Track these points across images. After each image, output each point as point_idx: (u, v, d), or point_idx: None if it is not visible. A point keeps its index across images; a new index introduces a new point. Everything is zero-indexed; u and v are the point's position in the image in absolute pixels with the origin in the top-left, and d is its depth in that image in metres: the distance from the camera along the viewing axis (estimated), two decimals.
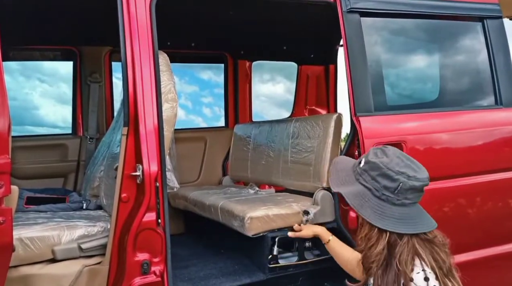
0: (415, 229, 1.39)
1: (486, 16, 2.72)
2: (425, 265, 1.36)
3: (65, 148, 3.53)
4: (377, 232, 1.40)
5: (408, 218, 1.40)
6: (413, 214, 1.41)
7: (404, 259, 1.36)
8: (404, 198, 1.40)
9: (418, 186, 1.40)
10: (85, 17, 3.05)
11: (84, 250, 2.08)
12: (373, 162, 1.43)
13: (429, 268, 1.36)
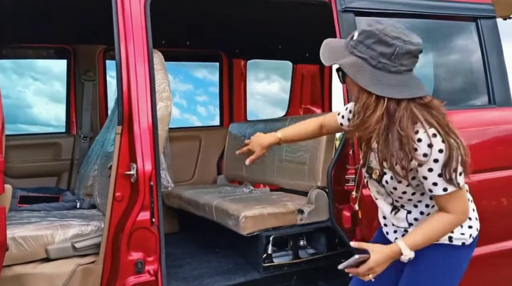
0: (411, 94, 1.40)
1: (480, 16, 2.73)
2: (427, 127, 1.39)
3: (58, 147, 3.51)
4: (375, 99, 1.39)
5: (404, 85, 1.40)
6: (408, 81, 1.41)
7: (405, 124, 1.37)
8: (400, 64, 1.39)
9: (414, 50, 1.40)
10: (79, 16, 3.03)
11: (77, 249, 2.07)
12: (368, 30, 1.42)
13: (432, 128, 1.39)
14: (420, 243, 1.47)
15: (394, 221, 1.62)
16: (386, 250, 1.47)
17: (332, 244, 2.61)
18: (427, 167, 1.39)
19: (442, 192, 1.41)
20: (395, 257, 1.47)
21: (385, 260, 1.46)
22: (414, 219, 1.58)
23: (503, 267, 2.64)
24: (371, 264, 1.45)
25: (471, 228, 1.58)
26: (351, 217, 2.39)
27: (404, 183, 1.47)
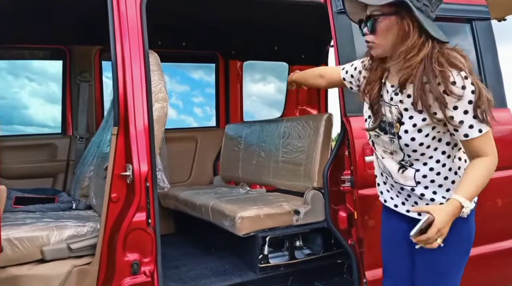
0: (447, 39, 1.48)
1: (475, 17, 2.75)
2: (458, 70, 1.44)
3: (54, 148, 3.50)
4: (423, 40, 1.45)
5: (439, 29, 1.49)
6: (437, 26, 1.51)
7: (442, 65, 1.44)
8: (434, 9, 1.50)
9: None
10: (75, 16, 3.03)
11: (73, 250, 2.06)
12: None
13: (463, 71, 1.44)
14: (474, 192, 1.48)
15: (401, 180, 1.62)
16: (447, 208, 1.45)
17: (328, 245, 2.62)
18: (462, 110, 1.44)
19: (478, 133, 1.46)
20: (456, 212, 1.45)
21: (449, 218, 1.44)
22: (423, 176, 1.58)
23: (501, 267, 2.66)
24: (438, 225, 1.41)
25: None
26: (347, 217, 2.39)
27: (424, 132, 1.51)
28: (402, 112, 1.54)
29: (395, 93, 1.57)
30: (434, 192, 1.59)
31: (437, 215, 1.42)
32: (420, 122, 1.51)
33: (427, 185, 1.59)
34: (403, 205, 1.68)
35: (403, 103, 1.54)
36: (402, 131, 1.54)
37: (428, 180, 1.59)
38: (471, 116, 1.45)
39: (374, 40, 1.52)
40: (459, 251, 1.62)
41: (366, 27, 1.53)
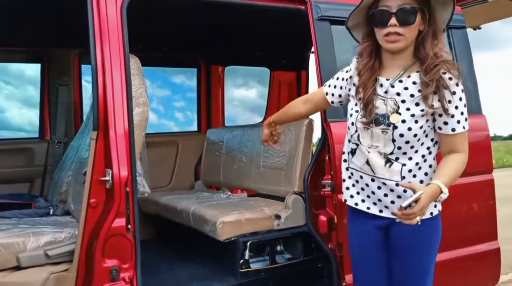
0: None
1: (451, 26, 2.80)
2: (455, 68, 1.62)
3: (31, 152, 3.43)
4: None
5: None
6: None
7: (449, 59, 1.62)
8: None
9: None
10: (54, 18, 2.99)
11: (50, 257, 2.02)
12: None
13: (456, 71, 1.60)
14: (451, 181, 1.57)
15: (386, 174, 1.65)
16: (430, 190, 1.51)
17: (309, 249, 2.63)
18: (454, 105, 1.57)
19: (462, 129, 1.59)
20: (435, 197, 1.52)
21: (430, 199, 1.51)
22: (408, 171, 1.64)
23: (476, 270, 2.71)
24: (423, 203, 1.47)
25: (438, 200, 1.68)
26: (327, 222, 2.41)
27: (419, 123, 1.58)
28: (399, 104, 1.60)
29: (392, 86, 1.63)
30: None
31: (425, 193, 1.49)
32: (418, 112, 1.59)
33: (410, 181, 1.63)
34: (375, 205, 1.71)
35: (400, 95, 1.61)
36: (399, 122, 1.59)
37: (412, 175, 1.64)
38: (460, 113, 1.57)
39: (405, 32, 1.56)
40: (432, 250, 1.69)
41: (395, 18, 1.55)
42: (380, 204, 1.70)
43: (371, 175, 1.69)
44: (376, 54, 1.68)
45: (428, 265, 1.70)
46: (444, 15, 1.62)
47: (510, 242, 5.12)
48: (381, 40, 1.61)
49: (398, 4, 1.55)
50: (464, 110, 1.59)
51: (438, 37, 1.61)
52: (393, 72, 1.65)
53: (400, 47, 1.59)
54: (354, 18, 1.70)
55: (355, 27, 1.74)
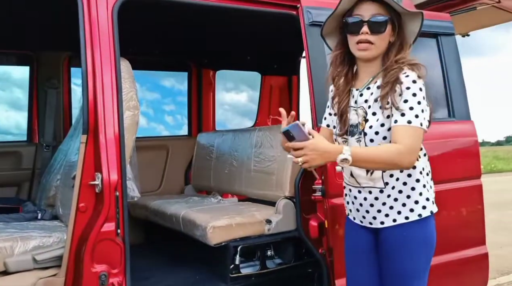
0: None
1: (440, 33, 2.85)
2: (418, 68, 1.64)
3: (19, 156, 3.39)
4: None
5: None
6: None
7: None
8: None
9: None
10: (43, 21, 2.96)
11: (38, 261, 1.99)
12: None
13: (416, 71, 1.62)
14: (360, 153, 1.50)
15: (370, 182, 1.67)
16: (328, 144, 1.50)
17: (299, 254, 2.63)
18: (403, 99, 1.55)
19: (406, 123, 1.53)
20: (332, 153, 1.47)
21: (322, 149, 1.46)
22: (390, 176, 1.64)
23: (461, 275, 2.73)
24: (307, 144, 1.45)
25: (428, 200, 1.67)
26: (318, 227, 2.42)
27: (386, 126, 1.58)
28: (367, 110, 1.63)
29: (360, 95, 1.67)
30: (400, 190, 1.65)
31: (316, 139, 1.47)
32: (381, 116, 1.59)
33: (394, 185, 1.64)
34: (364, 219, 1.73)
35: (367, 102, 1.64)
36: (367, 128, 1.62)
37: (394, 179, 1.64)
38: (408, 107, 1.54)
39: (376, 41, 1.61)
40: (422, 257, 1.66)
41: (367, 26, 1.60)
42: (369, 216, 1.71)
43: (357, 186, 1.71)
44: (349, 63, 1.73)
45: (414, 271, 1.65)
46: (413, 28, 1.66)
47: (499, 247, 5.21)
48: (353, 48, 1.66)
49: (371, 14, 1.60)
50: (415, 106, 1.53)
51: (404, 48, 1.65)
52: (363, 81, 1.70)
53: (370, 56, 1.64)
54: (329, 25, 1.75)
55: (329, 35, 1.78)
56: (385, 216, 1.66)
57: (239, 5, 2.37)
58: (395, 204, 1.64)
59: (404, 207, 1.64)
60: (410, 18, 1.66)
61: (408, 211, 1.64)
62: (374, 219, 1.69)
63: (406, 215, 1.64)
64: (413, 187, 1.64)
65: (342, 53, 1.72)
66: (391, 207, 1.65)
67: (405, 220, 1.63)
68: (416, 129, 1.53)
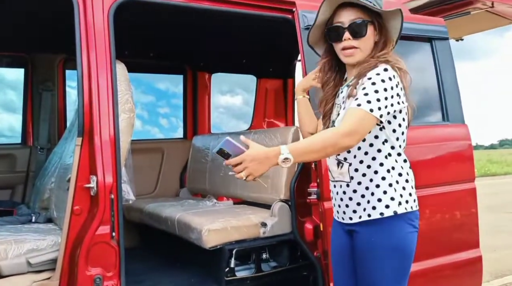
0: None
1: (434, 37, 2.88)
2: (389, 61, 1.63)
3: (13, 158, 3.38)
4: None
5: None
6: None
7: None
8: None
9: None
10: (38, 23, 2.96)
11: (32, 265, 1.99)
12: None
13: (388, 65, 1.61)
14: (298, 148, 1.48)
15: (340, 176, 1.69)
16: (265, 149, 1.47)
17: (294, 257, 2.63)
18: (362, 87, 1.54)
19: (355, 105, 1.51)
20: (271, 156, 1.44)
21: (261, 156, 1.44)
22: (355, 170, 1.64)
23: (455, 278, 2.74)
24: (244, 157, 1.43)
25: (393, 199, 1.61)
26: (313, 229, 2.42)
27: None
28: (341, 105, 1.67)
29: (341, 92, 1.72)
30: (366, 187, 1.63)
31: (252, 149, 1.44)
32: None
33: (360, 181, 1.64)
34: (337, 213, 1.75)
35: (344, 98, 1.67)
36: (337, 121, 1.64)
37: (360, 174, 1.64)
38: (363, 93, 1.52)
39: (359, 45, 1.63)
40: (391, 265, 1.59)
41: (348, 32, 1.62)
42: (340, 211, 1.72)
43: (333, 180, 1.75)
44: (338, 68, 1.76)
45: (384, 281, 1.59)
46: (394, 24, 1.68)
47: (493, 250, 5.24)
48: (339, 55, 1.69)
49: (350, 19, 1.63)
50: (370, 93, 1.51)
51: (387, 46, 1.67)
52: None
53: (357, 60, 1.65)
54: (313, 35, 1.77)
55: (316, 44, 1.81)
56: (353, 212, 1.66)
57: (235, 8, 2.37)
58: (362, 200, 1.64)
59: (368, 204, 1.62)
60: (391, 16, 1.68)
61: (371, 209, 1.61)
62: (344, 214, 1.70)
63: (369, 212, 1.62)
64: (377, 184, 1.62)
65: (330, 60, 1.76)
66: (358, 203, 1.65)
67: (367, 218, 1.61)
68: (363, 113, 1.49)
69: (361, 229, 1.64)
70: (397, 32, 1.69)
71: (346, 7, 1.64)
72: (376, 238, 1.61)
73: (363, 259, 1.64)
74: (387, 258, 1.59)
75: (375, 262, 1.60)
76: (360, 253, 1.65)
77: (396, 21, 1.68)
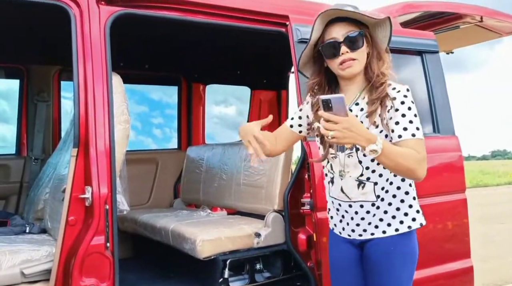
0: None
1: (425, 50, 2.94)
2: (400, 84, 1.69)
3: (7, 169, 3.37)
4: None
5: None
6: None
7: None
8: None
9: None
10: (34, 35, 2.98)
11: (27, 275, 1.98)
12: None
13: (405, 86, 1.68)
14: (391, 149, 1.49)
15: (361, 196, 1.68)
16: (364, 128, 1.47)
17: (288, 267, 2.64)
18: (401, 113, 1.58)
19: (411, 136, 1.56)
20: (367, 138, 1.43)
21: (357, 130, 1.42)
22: (381, 189, 1.66)
23: None
24: (343, 119, 1.40)
25: (418, 212, 1.71)
26: (306, 240, 2.44)
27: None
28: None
29: (350, 110, 1.66)
30: (389, 203, 1.67)
31: (351, 118, 1.43)
32: (374, 130, 1.62)
33: (383, 198, 1.67)
34: (353, 232, 1.74)
35: (358, 117, 1.65)
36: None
37: (384, 192, 1.67)
38: (407, 121, 1.57)
39: (357, 56, 1.65)
40: (406, 270, 1.68)
41: (345, 46, 1.63)
42: (359, 229, 1.73)
43: (347, 200, 1.73)
44: (328, 88, 1.76)
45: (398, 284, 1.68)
46: (383, 33, 1.72)
47: (485, 260, 5.27)
48: (336, 70, 1.69)
49: (343, 33, 1.64)
50: (414, 119, 1.57)
51: (382, 57, 1.70)
52: (349, 98, 1.71)
53: (356, 71, 1.67)
54: (305, 57, 1.78)
55: (304, 66, 1.82)
56: (375, 228, 1.68)
57: (230, 22, 2.42)
58: (385, 216, 1.67)
59: (394, 219, 1.67)
60: (379, 26, 1.70)
61: (398, 223, 1.66)
62: (365, 232, 1.70)
63: (396, 227, 1.66)
64: (402, 199, 1.67)
65: (319, 81, 1.76)
66: (380, 219, 1.67)
67: (395, 232, 1.66)
68: (422, 142, 1.58)
69: (380, 241, 1.67)
70: (386, 41, 1.72)
71: (336, 23, 1.66)
72: (396, 247, 1.66)
73: (381, 267, 1.67)
74: (404, 265, 1.67)
75: (393, 269, 1.66)
76: (376, 262, 1.68)
77: (385, 30, 1.71)
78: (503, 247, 6.43)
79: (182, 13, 2.32)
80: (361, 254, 1.75)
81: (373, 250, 1.69)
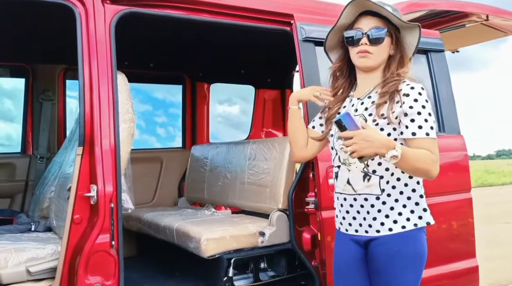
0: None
1: (430, 49, 2.92)
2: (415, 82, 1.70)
3: (12, 167, 3.39)
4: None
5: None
6: None
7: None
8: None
9: None
10: (40, 34, 2.99)
11: (32, 273, 2.00)
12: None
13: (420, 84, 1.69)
14: (408, 153, 1.52)
15: (366, 189, 1.68)
16: (382, 136, 1.54)
17: (292, 266, 2.64)
18: (416, 111, 1.60)
19: (425, 135, 1.59)
20: (382, 146, 1.48)
21: (373, 138, 1.47)
22: (387, 183, 1.66)
23: None
24: (356, 132, 1.47)
25: (425, 210, 1.71)
26: (311, 239, 2.44)
27: (385, 131, 1.63)
28: (366, 118, 1.68)
29: (361, 103, 1.73)
30: (396, 199, 1.67)
31: (368, 130, 1.50)
32: (382, 121, 1.64)
33: (389, 193, 1.66)
34: (361, 226, 1.73)
35: (368, 110, 1.69)
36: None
37: (390, 186, 1.67)
38: (423, 119, 1.60)
39: (374, 51, 1.69)
40: (412, 271, 1.66)
41: (366, 38, 1.68)
42: (365, 224, 1.72)
43: (353, 193, 1.72)
44: (349, 75, 1.82)
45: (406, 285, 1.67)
46: (411, 40, 1.74)
47: (491, 260, 5.25)
48: (353, 58, 1.74)
49: (370, 26, 1.69)
50: (428, 118, 1.60)
51: (405, 62, 1.74)
52: (363, 91, 1.76)
53: (370, 65, 1.71)
54: (331, 39, 1.83)
55: (331, 50, 1.87)
56: (381, 225, 1.67)
57: (235, 21, 2.42)
58: (391, 213, 1.66)
59: (400, 216, 1.65)
60: (408, 31, 1.73)
61: (405, 220, 1.65)
62: (370, 227, 1.69)
63: (402, 224, 1.65)
64: (409, 196, 1.67)
65: (342, 67, 1.82)
66: (386, 216, 1.66)
67: (401, 230, 1.65)
68: (436, 141, 1.61)
69: (385, 239, 1.66)
70: (413, 48, 1.75)
71: (368, 15, 1.71)
72: (401, 246, 1.64)
73: (385, 268, 1.66)
74: (410, 266, 1.65)
75: (399, 269, 1.64)
76: (380, 262, 1.67)
77: (413, 38, 1.73)
78: (508, 246, 6.40)
79: (187, 12, 2.32)
80: (364, 254, 1.74)
81: (377, 250, 1.68)
